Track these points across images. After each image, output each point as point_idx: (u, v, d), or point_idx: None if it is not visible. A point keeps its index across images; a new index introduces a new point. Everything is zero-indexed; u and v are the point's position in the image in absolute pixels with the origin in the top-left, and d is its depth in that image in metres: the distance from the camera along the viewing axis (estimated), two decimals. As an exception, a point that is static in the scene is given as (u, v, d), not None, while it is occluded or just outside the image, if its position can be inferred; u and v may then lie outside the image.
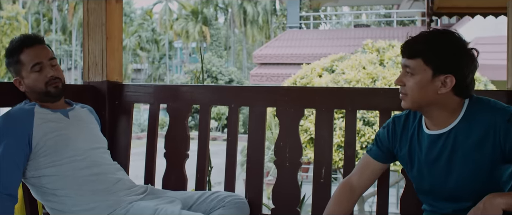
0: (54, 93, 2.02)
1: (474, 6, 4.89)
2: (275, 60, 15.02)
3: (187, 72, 26.56)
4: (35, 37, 2.04)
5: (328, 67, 7.56)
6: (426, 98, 1.62)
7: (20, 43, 2.00)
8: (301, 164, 2.29)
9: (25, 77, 2.00)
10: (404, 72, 1.65)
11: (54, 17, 37.31)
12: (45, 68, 2.00)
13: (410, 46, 1.63)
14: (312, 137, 6.58)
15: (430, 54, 1.58)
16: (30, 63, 1.98)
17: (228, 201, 2.06)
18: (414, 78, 1.61)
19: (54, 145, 1.95)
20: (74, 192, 1.95)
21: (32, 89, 2.01)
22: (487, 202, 1.49)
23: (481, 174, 1.59)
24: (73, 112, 2.12)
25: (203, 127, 2.41)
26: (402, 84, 1.66)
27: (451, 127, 1.63)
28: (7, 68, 2.06)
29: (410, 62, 1.62)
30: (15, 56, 2.00)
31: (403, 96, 1.67)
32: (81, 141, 2.03)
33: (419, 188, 1.78)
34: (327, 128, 2.24)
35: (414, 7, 16.77)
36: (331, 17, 22.37)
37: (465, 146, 1.60)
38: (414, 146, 1.73)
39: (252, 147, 2.34)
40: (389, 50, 7.51)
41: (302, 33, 16.62)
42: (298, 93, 2.31)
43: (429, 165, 1.68)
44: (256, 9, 35.93)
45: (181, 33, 37.68)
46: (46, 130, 1.95)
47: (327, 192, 2.22)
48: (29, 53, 1.99)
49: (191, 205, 2.09)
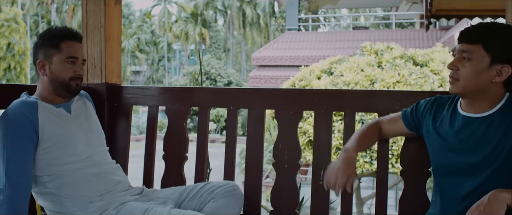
0: (73, 89, 2.06)
1: (472, 8, 4.91)
2: (274, 62, 15.03)
3: (186, 75, 26.56)
4: (78, 34, 2.10)
5: (326, 70, 7.58)
6: (478, 85, 1.63)
7: (65, 32, 2.05)
8: (299, 166, 2.29)
9: (54, 63, 2.01)
10: (459, 57, 1.64)
11: (53, 19, 37.28)
12: (78, 64, 2.05)
13: (471, 31, 1.63)
14: (311, 139, 6.58)
15: (491, 41, 1.59)
16: (67, 54, 2.02)
17: (217, 192, 2.06)
18: (471, 63, 1.62)
19: (58, 143, 1.96)
20: (73, 192, 1.95)
21: (55, 77, 2.02)
22: (492, 196, 1.50)
23: (507, 162, 1.59)
24: (74, 105, 2.12)
25: (202, 129, 2.41)
26: (455, 69, 1.66)
27: (487, 114, 1.64)
28: (36, 48, 2.06)
29: (469, 47, 1.61)
30: (55, 41, 2.02)
31: (453, 81, 1.67)
32: (82, 140, 2.04)
33: (439, 162, 1.77)
34: (325, 130, 2.25)
35: (413, 10, 16.79)
36: (330, 19, 22.40)
37: (497, 134, 1.61)
38: (445, 122, 1.74)
39: (251, 149, 2.34)
40: (387, 53, 7.53)
41: (300, 35, 16.63)
42: (296, 96, 2.31)
43: (457, 143, 1.68)
44: (255, 12, 35.97)
45: (180, 35, 37.70)
46: (51, 123, 1.97)
47: (325, 194, 2.22)
48: (70, 45, 2.03)
49: (183, 200, 2.10)
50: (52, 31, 2.07)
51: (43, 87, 2.06)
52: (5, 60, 17.78)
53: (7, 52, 17.70)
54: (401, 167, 2.15)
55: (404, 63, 7.12)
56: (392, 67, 7.08)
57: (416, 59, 7.28)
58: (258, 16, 35.95)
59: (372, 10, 29.70)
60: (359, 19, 30.54)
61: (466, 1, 4.72)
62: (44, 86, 2.05)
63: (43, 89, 2.06)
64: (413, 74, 6.85)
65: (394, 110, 2.09)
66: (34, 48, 2.07)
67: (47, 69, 2.02)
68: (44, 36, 2.06)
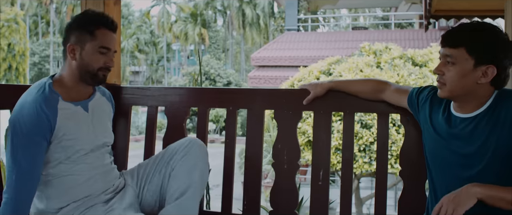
0: (100, 79, 1.99)
1: (471, 9, 4.91)
2: (273, 62, 15.03)
3: (185, 75, 26.56)
4: (115, 23, 2.01)
5: (325, 70, 7.58)
6: (465, 87, 1.64)
7: (103, 20, 1.97)
8: (299, 166, 2.29)
9: (86, 50, 1.93)
10: (444, 61, 1.66)
11: (52, 20, 37.28)
12: (109, 56, 1.98)
13: (453, 35, 1.64)
14: (310, 139, 6.59)
15: (473, 43, 1.60)
16: (101, 43, 1.94)
17: (174, 161, 2.04)
18: (455, 67, 1.63)
19: (66, 147, 1.92)
20: (57, 194, 1.93)
21: (84, 64, 1.94)
22: (465, 188, 1.54)
23: (492, 162, 1.60)
24: (93, 102, 2.06)
25: (201, 129, 2.41)
26: (441, 74, 1.67)
27: (476, 113, 1.66)
28: (69, 30, 1.96)
29: (452, 51, 1.62)
30: (90, 27, 1.93)
31: (440, 86, 1.69)
32: (88, 142, 1.98)
33: (432, 153, 1.79)
34: (325, 130, 2.25)
35: (412, 10, 16.80)
36: (329, 20, 22.41)
37: (483, 133, 1.62)
38: (440, 118, 1.75)
39: (250, 149, 2.35)
40: (386, 53, 7.53)
41: (300, 35, 16.63)
42: (296, 96, 2.31)
43: (448, 140, 1.71)
44: (255, 12, 35.97)
45: (180, 36, 37.70)
46: (66, 125, 1.90)
47: (325, 195, 2.22)
48: (106, 34, 1.96)
49: (144, 182, 2.10)
50: (89, 15, 1.99)
51: (69, 72, 1.97)
52: (6, 61, 17.78)
53: (8, 53, 17.70)
54: (400, 167, 2.15)
55: (403, 64, 7.12)
56: (391, 68, 7.09)
57: (415, 60, 7.29)
58: (258, 16, 35.96)
59: (371, 10, 29.73)
60: (359, 19, 30.56)
61: (465, 2, 4.73)
62: (71, 71, 1.97)
63: (68, 74, 1.98)
64: (412, 75, 6.86)
65: (393, 110, 2.10)
66: (66, 29, 1.97)
67: (77, 54, 1.94)
68: (79, 19, 1.97)
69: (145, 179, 2.10)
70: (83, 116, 1.99)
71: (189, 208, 1.96)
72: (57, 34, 37.39)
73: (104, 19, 1.97)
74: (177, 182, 2.00)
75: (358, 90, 2.14)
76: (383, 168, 2.17)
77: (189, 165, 2.02)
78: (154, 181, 2.08)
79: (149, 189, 2.09)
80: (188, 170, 2.01)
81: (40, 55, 34.98)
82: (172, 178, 2.02)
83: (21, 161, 1.81)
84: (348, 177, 2.22)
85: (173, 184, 2.01)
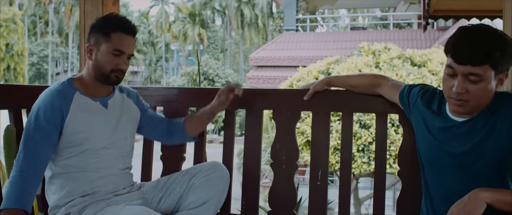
0: (112, 81, 2.04)
1: (469, 9, 4.92)
2: (271, 62, 15.03)
3: (183, 75, 26.57)
4: (133, 27, 2.06)
5: (324, 70, 7.58)
6: (487, 98, 1.61)
7: (119, 23, 2.03)
8: (297, 166, 2.29)
9: (101, 51, 2.01)
10: (465, 79, 1.56)
11: (51, 20, 37.26)
12: (122, 58, 2.02)
13: (475, 53, 1.53)
14: (309, 139, 6.59)
15: (497, 57, 1.53)
16: (115, 46, 2.00)
17: (196, 177, 2.09)
18: (480, 84, 1.55)
19: (77, 140, 1.97)
20: (60, 187, 1.98)
21: (98, 65, 2.01)
22: (472, 195, 1.51)
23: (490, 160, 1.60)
24: (113, 100, 2.11)
25: (199, 129, 2.40)
26: (464, 92, 1.57)
27: (474, 115, 1.64)
28: (91, 31, 2.05)
29: (476, 70, 1.53)
30: (107, 29, 2.00)
31: (463, 103, 1.59)
32: (102, 136, 2.03)
33: (424, 154, 1.79)
34: (323, 130, 2.25)
35: (411, 10, 16.83)
36: (328, 20, 22.41)
37: (479, 134, 1.61)
38: (434, 118, 1.74)
39: (249, 149, 2.35)
40: (385, 53, 7.53)
41: (298, 35, 16.63)
42: (294, 96, 2.31)
43: (444, 139, 1.69)
44: (253, 12, 35.98)
45: (179, 36, 37.70)
46: (78, 120, 1.97)
47: (323, 195, 2.22)
48: (120, 38, 2.01)
49: (162, 194, 2.12)
50: (107, 18, 2.06)
51: (88, 72, 2.06)
52: (4, 61, 17.77)
53: (6, 53, 17.69)
54: (399, 168, 2.15)
55: (402, 64, 7.13)
56: (390, 68, 7.09)
57: (414, 60, 7.29)
58: (256, 16, 35.97)
59: (370, 10, 29.75)
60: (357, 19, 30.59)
61: (464, 2, 4.74)
62: (89, 70, 2.05)
63: (87, 73, 2.06)
64: (411, 75, 6.86)
65: (391, 110, 2.10)
66: (90, 30, 2.06)
67: (93, 54, 2.02)
68: (99, 22, 2.05)
69: (164, 191, 2.13)
70: (100, 111, 2.05)
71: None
72: (55, 34, 37.36)
73: (121, 23, 2.03)
74: (196, 195, 2.07)
75: (355, 84, 2.15)
76: (382, 168, 2.17)
77: (210, 185, 2.08)
78: (174, 192, 2.11)
79: (166, 201, 2.12)
80: (208, 188, 2.07)
81: (38, 55, 34.96)
82: (192, 190, 2.08)
83: (28, 143, 1.90)
84: (347, 177, 2.22)
85: (192, 196, 2.07)
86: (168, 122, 2.29)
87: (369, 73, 2.21)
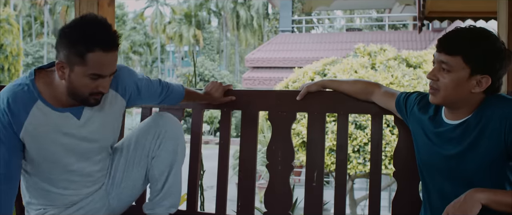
0: (91, 104, 1.73)
1: (464, 10, 4.93)
2: (267, 64, 15.04)
3: (179, 76, 26.51)
4: (114, 40, 1.64)
5: (320, 71, 7.59)
6: (458, 95, 1.61)
7: (97, 40, 1.59)
8: (293, 167, 2.29)
9: (75, 73, 1.63)
10: (438, 67, 1.62)
11: (46, 20, 37.12)
12: (102, 82, 1.68)
13: (450, 42, 1.59)
14: (304, 140, 6.59)
15: (471, 53, 1.56)
16: (93, 70, 1.62)
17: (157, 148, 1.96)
18: (450, 75, 1.59)
19: (36, 158, 1.76)
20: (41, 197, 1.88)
21: (72, 87, 1.66)
22: (468, 195, 1.52)
23: (483, 162, 1.60)
24: (88, 110, 1.79)
25: (195, 130, 2.40)
26: (435, 79, 1.64)
27: (466, 118, 1.64)
28: (59, 43, 1.64)
29: (448, 59, 1.58)
30: (81, 48, 1.59)
31: (433, 92, 1.65)
32: (69, 152, 1.78)
33: (422, 159, 1.80)
34: (319, 131, 2.25)
35: (406, 11, 16.86)
36: (324, 21, 22.43)
37: (472, 135, 1.61)
38: (430, 122, 1.75)
39: (244, 150, 2.34)
40: (380, 54, 7.55)
41: (294, 37, 16.65)
42: (290, 97, 2.31)
43: (438, 145, 1.70)
44: (249, 13, 35.98)
45: (174, 37, 37.66)
46: (34, 141, 1.71)
47: (319, 196, 2.22)
48: (100, 59, 1.61)
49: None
50: (80, 30, 1.60)
51: (57, 84, 1.70)
52: (-2, 62, 17.69)
53: (0, 53, 17.61)
54: (394, 169, 2.15)
55: (397, 65, 7.14)
56: (386, 69, 7.10)
57: (409, 61, 7.31)
58: (252, 17, 35.97)
59: (366, 11, 29.78)
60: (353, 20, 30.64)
61: (458, 3, 4.75)
62: (59, 86, 1.70)
63: (57, 86, 1.70)
64: (406, 76, 6.87)
65: (387, 112, 2.10)
66: (57, 40, 1.65)
67: (66, 74, 1.64)
68: (71, 33, 1.61)
69: (122, 188, 1.99)
70: (68, 125, 1.75)
71: (176, 187, 2.03)
72: (51, 35, 37.22)
73: (99, 39, 1.60)
74: (160, 166, 1.97)
75: (348, 90, 2.16)
76: (377, 169, 2.17)
77: (166, 153, 1.98)
78: (132, 175, 1.99)
79: (126, 187, 1.99)
80: (167, 157, 1.98)
81: (33, 56, 34.82)
82: (155, 161, 1.98)
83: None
84: (342, 178, 2.22)
85: (156, 168, 1.98)
86: (165, 96, 2.11)
87: (363, 80, 2.19)
